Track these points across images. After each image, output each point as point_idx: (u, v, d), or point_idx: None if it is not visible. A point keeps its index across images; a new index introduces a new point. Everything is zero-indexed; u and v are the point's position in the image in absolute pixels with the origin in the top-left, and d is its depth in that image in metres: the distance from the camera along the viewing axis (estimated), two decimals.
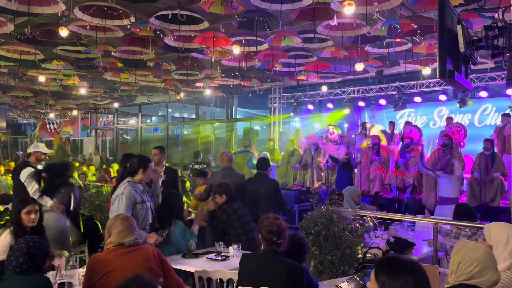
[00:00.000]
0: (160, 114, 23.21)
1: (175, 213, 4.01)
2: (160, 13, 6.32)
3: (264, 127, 15.42)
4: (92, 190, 6.57)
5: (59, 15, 6.36)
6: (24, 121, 26.63)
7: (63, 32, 6.55)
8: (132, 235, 2.56)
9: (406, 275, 1.48)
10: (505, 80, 7.59)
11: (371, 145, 8.55)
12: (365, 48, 8.09)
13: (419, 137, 8.56)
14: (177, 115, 24.66)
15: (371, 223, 3.50)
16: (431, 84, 9.94)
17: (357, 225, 3.40)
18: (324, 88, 11.41)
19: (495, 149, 7.58)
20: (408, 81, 10.09)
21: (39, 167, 4.38)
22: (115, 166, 11.45)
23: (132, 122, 21.26)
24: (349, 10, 4.90)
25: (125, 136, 21.28)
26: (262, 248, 2.53)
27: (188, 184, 8.33)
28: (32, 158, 4.45)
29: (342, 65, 9.84)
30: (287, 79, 12.21)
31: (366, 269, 2.54)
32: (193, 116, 21.91)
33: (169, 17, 6.30)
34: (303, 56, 8.70)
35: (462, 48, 2.63)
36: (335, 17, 5.58)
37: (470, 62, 2.97)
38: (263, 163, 5.50)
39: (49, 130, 24.65)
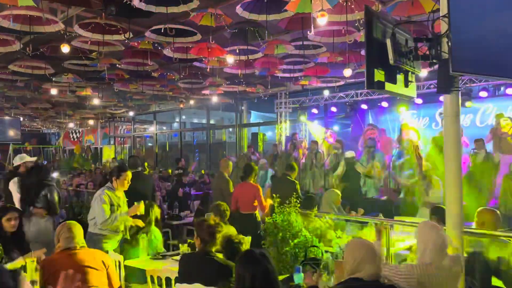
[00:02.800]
0: (177, 120, 23.79)
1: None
2: (154, 27, 6.67)
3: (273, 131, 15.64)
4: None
5: (61, 33, 6.82)
6: (49, 131, 27.68)
7: (65, 49, 6.99)
8: (78, 239, 2.90)
9: (252, 265, 1.73)
10: (503, 80, 7.53)
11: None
12: (361, 52, 8.23)
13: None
14: (195, 121, 25.16)
15: (327, 224, 3.71)
16: (432, 86, 9.94)
17: (317, 225, 3.60)
18: (326, 92, 11.56)
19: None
20: None
21: None
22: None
23: (151, 129, 21.90)
24: (322, 20, 5.09)
25: (139, 144, 21.90)
26: (199, 248, 2.79)
27: None
28: (21, 169, 4.87)
29: (341, 69, 9.97)
30: (291, 84, 12.41)
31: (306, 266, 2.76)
32: (212, 122, 22.33)
33: (162, 31, 6.66)
34: (299, 63, 8.91)
35: (391, 61, 2.81)
36: (312, 26, 5.77)
37: (410, 72, 3.14)
38: (288, 166, 6.64)
39: (72, 139, 25.59)
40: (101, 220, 4.01)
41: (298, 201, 5.19)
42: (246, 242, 3.10)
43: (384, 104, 10.77)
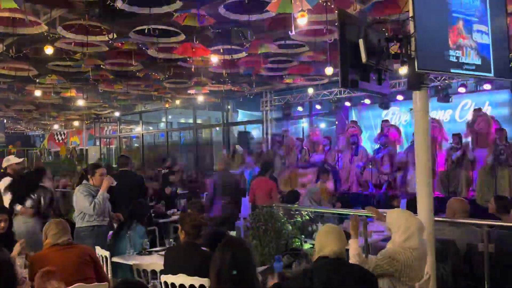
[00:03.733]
0: (164, 120, 23.72)
1: (136, 218, 4.47)
2: (137, 28, 6.74)
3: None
4: None
5: (44, 34, 6.83)
6: (33, 133, 27.35)
7: (49, 50, 7.00)
8: (66, 236, 3.02)
9: (228, 250, 1.89)
10: (466, 77, 7.79)
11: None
12: None
13: (398, 136, 8.85)
14: (182, 120, 25.10)
15: (307, 217, 3.88)
16: None
17: (298, 218, 3.75)
18: (311, 90, 11.74)
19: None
20: (390, 80, 10.34)
21: None
22: None
23: (138, 130, 21.82)
24: (302, 20, 5.23)
25: (125, 145, 21.82)
26: (183, 241, 2.92)
27: None
28: (9, 170, 4.97)
29: (325, 68, 10.14)
30: (277, 82, 12.55)
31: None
32: (199, 121, 22.30)
33: (146, 31, 6.73)
34: (284, 61, 9.06)
35: (364, 60, 2.96)
36: (292, 26, 5.90)
37: (383, 70, 3.30)
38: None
39: (57, 141, 25.33)
40: (90, 207, 4.22)
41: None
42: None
43: (367, 101, 10.99)
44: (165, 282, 2.83)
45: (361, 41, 2.95)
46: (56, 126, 22.42)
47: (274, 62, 9.07)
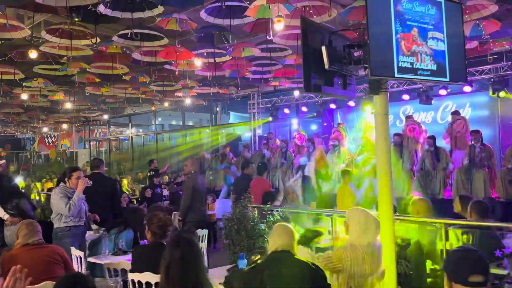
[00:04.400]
0: (153, 123, 23.72)
1: (129, 224, 4.59)
2: (121, 32, 6.82)
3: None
4: None
5: (27, 39, 6.90)
6: (24, 136, 27.24)
7: (33, 54, 7.08)
8: (36, 236, 3.13)
9: (176, 247, 2.00)
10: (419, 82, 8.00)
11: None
12: None
13: None
14: (173, 123, 25.08)
15: (278, 216, 4.01)
16: (395, 85, 10.39)
17: (271, 218, 3.88)
18: (297, 93, 11.89)
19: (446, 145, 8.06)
20: None
21: None
22: None
23: (128, 132, 21.84)
24: (279, 26, 5.36)
25: (115, 148, 21.82)
26: (150, 241, 3.04)
27: None
28: None
29: None
30: (263, 85, 12.68)
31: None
32: (190, 123, 22.32)
33: (129, 36, 6.82)
34: (268, 64, 9.19)
35: (326, 66, 3.08)
36: (271, 31, 6.03)
37: (348, 75, 3.43)
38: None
39: (47, 144, 25.28)
40: (65, 208, 4.37)
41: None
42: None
43: (351, 103, 11.14)
44: (132, 280, 2.95)
45: (323, 48, 3.08)
46: (46, 129, 22.39)
47: (258, 65, 9.20)
